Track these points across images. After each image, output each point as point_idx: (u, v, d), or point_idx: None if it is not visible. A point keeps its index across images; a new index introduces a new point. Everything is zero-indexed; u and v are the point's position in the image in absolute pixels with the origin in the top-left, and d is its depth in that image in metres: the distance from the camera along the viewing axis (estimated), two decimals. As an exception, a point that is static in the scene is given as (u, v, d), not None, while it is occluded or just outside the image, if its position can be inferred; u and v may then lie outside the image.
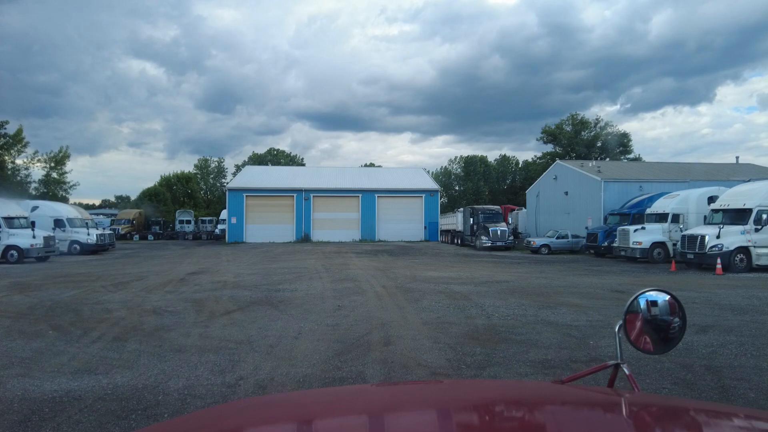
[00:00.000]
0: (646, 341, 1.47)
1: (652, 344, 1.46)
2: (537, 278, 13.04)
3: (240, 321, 7.49)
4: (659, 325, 1.47)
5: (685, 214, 18.36)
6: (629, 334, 1.47)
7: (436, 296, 9.65)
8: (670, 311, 1.47)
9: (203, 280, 12.74)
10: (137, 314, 8.18)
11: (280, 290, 10.61)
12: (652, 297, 1.47)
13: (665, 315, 1.47)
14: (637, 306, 1.46)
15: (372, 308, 8.40)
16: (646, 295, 1.47)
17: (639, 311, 1.46)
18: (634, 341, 1.47)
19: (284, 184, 37.70)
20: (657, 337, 1.47)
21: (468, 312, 8.01)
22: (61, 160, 42.72)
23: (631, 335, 1.47)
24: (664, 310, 1.47)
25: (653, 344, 1.46)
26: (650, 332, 1.46)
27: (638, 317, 1.47)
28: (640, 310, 1.46)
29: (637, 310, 1.46)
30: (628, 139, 58.68)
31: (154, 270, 16.13)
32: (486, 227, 26.38)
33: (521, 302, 8.95)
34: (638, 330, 1.47)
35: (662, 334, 1.47)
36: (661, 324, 1.47)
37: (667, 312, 1.47)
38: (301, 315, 7.87)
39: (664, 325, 1.47)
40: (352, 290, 10.55)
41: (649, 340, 1.46)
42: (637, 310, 1.46)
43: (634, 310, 1.46)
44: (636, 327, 1.47)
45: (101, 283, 12.61)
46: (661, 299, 1.47)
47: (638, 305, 1.46)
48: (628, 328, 1.47)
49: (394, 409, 1.21)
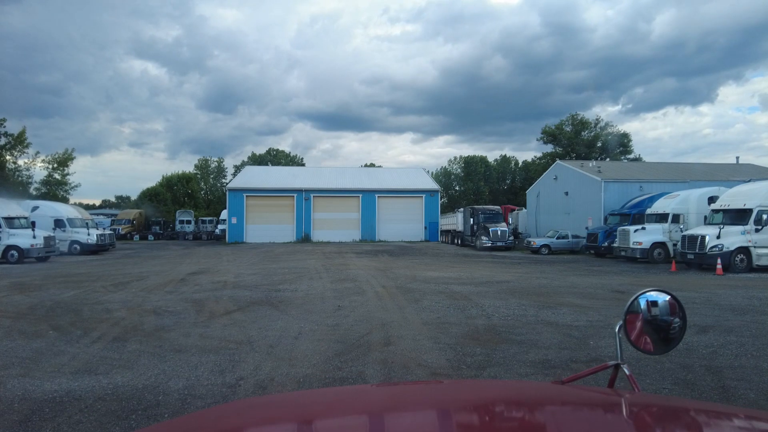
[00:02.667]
0: (646, 341, 1.46)
1: (653, 344, 1.46)
2: (537, 278, 13.05)
3: (240, 321, 7.49)
4: (659, 326, 1.46)
5: (685, 215, 18.35)
6: (629, 334, 1.47)
7: (436, 296, 9.65)
8: (670, 311, 1.47)
9: (203, 281, 12.74)
10: (137, 314, 8.18)
11: (280, 290, 10.61)
12: (653, 297, 1.47)
13: (665, 315, 1.46)
14: (638, 306, 1.46)
15: (372, 308, 8.40)
16: (646, 296, 1.47)
17: (639, 311, 1.46)
18: (635, 341, 1.47)
19: (284, 184, 37.70)
20: (657, 337, 1.46)
21: (468, 312, 8.01)
22: (65, 161, 42.62)
23: (631, 335, 1.47)
24: (665, 311, 1.47)
25: (653, 344, 1.46)
26: (650, 332, 1.46)
27: (638, 317, 1.46)
28: (640, 310, 1.46)
29: (638, 310, 1.46)
30: (628, 140, 58.65)
31: (155, 270, 16.13)
32: (486, 227, 26.37)
33: (521, 302, 8.95)
34: (638, 330, 1.47)
35: (662, 335, 1.47)
36: (661, 324, 1.46)
37: (667, 312, 1.46)
38: (302, 315, 7.87)
39: (664, 326, 1.46)
40: (352, 290, 10.55)
41: (649, 341, 1.46)
42: (637, 310, 1.46)
43: (635, 310, 1.46)
44: (636, 327, 1.47)
45: (101, 283, 12.61)
46: (662, 299, 1.47)
47: (638, 305, 1.46)
48: (629, 329, 1.47)
49: (394, 409, 1.21)
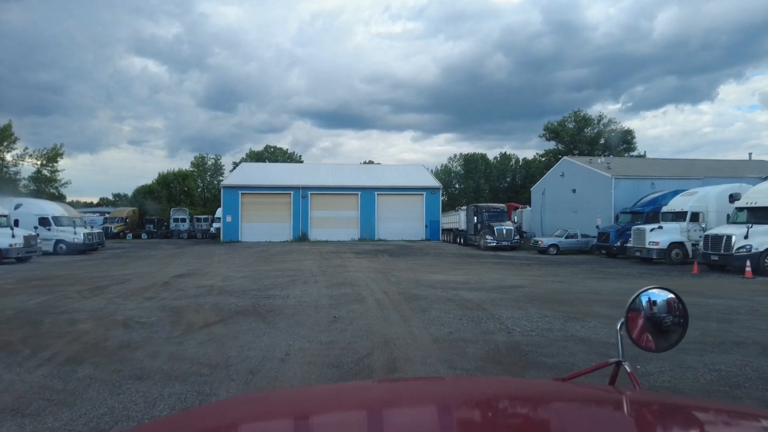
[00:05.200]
0: (648, 339, 1.43)
1: (654, 342, 1.43)
2: (552, 282, 11.96)
3: (219, 336, 6.45)
4: (661, 323, 1.43)
5: (704, 213, 17.20)
6: (631, 332, 1.44)
7: (445, 305, 8.57)
8: (672, 309, 1.44)
9: (188, 284, 11.71)
10: (104, 327, 7.15)
11: (270, 297, 9.54)
12: (655, 295, 1.44)
13: (667, 313, 1.43)
14: (639, 304, 1.44)
15: (373, 320, 7.35)
16: (648, 293, 1.44)
17: (641, 309, 1.44)
18: (636, 339, 1.44)
19: (281, 181, 36.51)
20: (659, 335, 1.43)
21: (484, 326, 6.95)
22: (54, 157, 41.38)
23: (633, 333, 1.44)
24: (667, 309, 1.44)
25: (655, 342, 1.43)
26: (652, 330, 1.43)
27: (640, 315, 1.44)
28: (642, 308, 1.44)
29: (639, 308, 1.44)
30: (632, 136, 57.72)
31: (140, 272, 15.10)
32: (491, 226, 25.24)
33: (543, 313, 7.88)
34: (640, 328, 1.44)
35: (664, 332, 1.43)
36: (663, 322, 1.43)
37: (669, 310, 1.44)
38: (291, 329, 6.82)
39: (666, 324, 1.43)
40: (350, 297, 9.49)
41: (651, 338, 1.43)
42: (639, 308, 1.44)
43: (636, 308, 1.44)
44: (638, 325, 1.44)
45: (78, 287, 11.58)
46: (664, 297, 1.44)
47: (640, 303, 1.44)
48: (630, 326, 1.44)
49: (395, 405, 1.20)
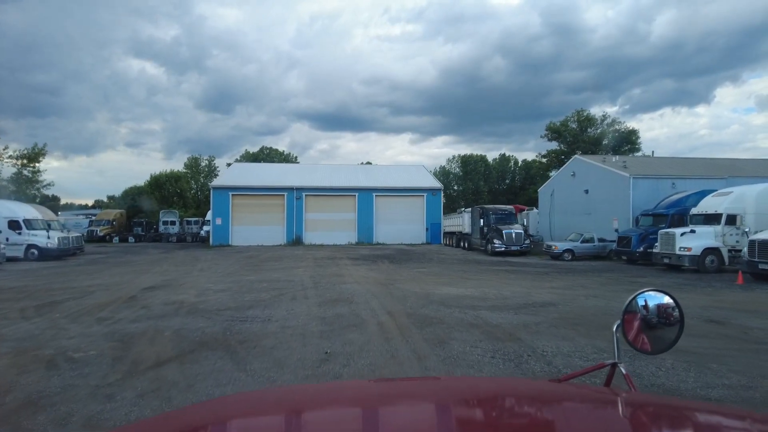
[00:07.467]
0: (643, 341, 1.44)
1: (650, 344, 1.43)
2: (586, 298, 10.14)
3: (169, 385, 4.67)
4: (657, 326, 1.44)
5: (742, 215, 15.48)
6: (627, 334, 1.45)
7: (467, 333, 6.73)
8: (668, 312, 1.45)
9: (156, 300, 9.89)
10: (21, 366, 5.39)
11: (246, 320, 7.72)
12: (651, 297, 1.45)
13: (663, 316, 1.44)
14: (636, 306, 1.45)
15: (377, 358, 5.53)
16: (644, 296, 1.45)
17: (637, 311, 1.45)
18: (632, 341, 1.44)
19: (274, 182, 34.61)
20: (655, 337, 1.44)
21: (526, 367, 5.15)
22: (35, 156, 39.43)
23: (628, 335, 1.44)
24: (663, 311, 1.45)
25: (651, 344, 1.43)
26: (648, 332, 1.44)
27: (636, 317, 1.45)
28: (638, 310, 1.45)
29: (636, 310, 1.45)
30: (636, 136, 56.17)
31: (108, 282, 13.27)
32: (499, 229, 23.43)
33: (595, 345, 6.08)
34: (636, 330, 1.45)
35: (660, 335, 1.44)
36: (659, 324, 1.44)
37: (665, 313, 1.44)
38: (267, 372, 5.03)
39: (661, 326, 1.44)
40: (346, 320, 7.67)
41: (646, 340, 1.44)
42: (635, 310, 1.45)
43: (633, 310, 1.45)
44: (634, 327, 1.45)
45: (24, 303, 9.77)
46: (660, 300, 1.45)
47: (636, 305, 1.45)
48: (626, 328, 1.45)
49: (391, 404, 1.20)
